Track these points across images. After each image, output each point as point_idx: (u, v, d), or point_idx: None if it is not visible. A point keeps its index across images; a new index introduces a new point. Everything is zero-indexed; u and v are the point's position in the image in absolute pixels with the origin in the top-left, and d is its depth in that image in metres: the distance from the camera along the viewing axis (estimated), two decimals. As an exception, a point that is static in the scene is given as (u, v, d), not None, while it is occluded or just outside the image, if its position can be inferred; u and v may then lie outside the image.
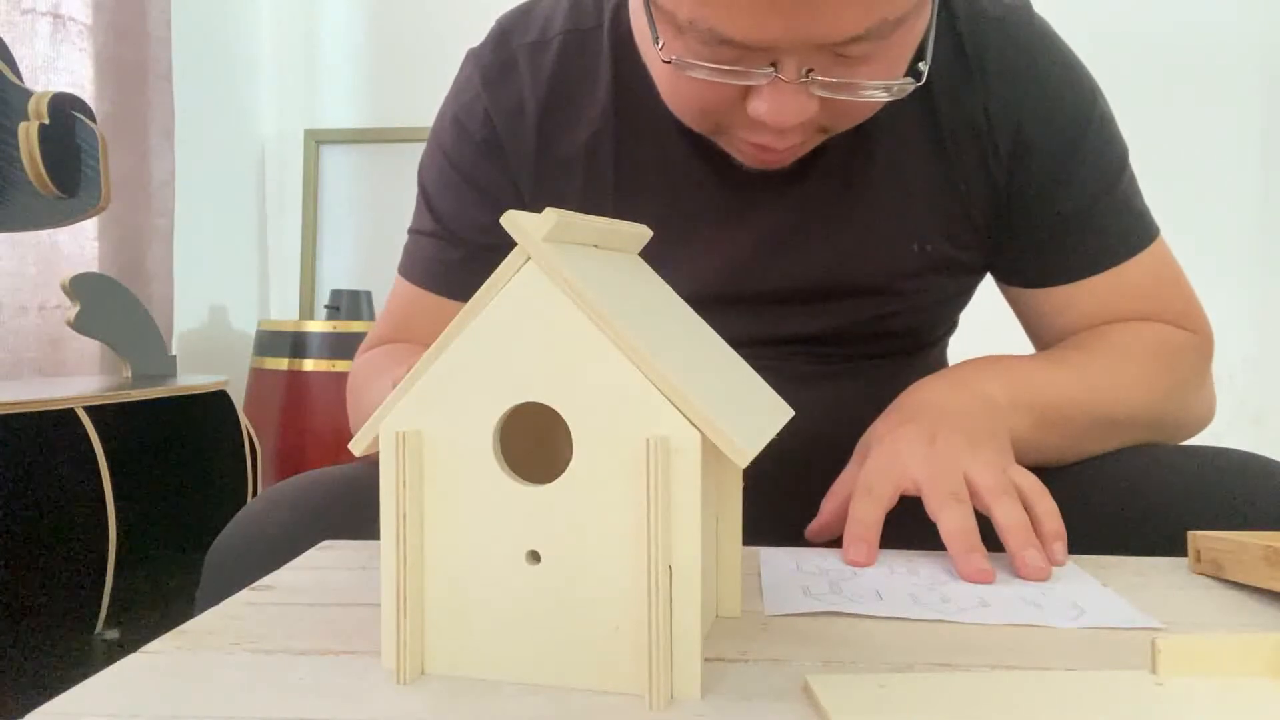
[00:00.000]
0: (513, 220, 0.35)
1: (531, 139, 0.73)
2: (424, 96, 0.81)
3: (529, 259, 0.36)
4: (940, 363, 0.85)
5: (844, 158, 0.70)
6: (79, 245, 1.76)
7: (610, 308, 0.35)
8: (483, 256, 0.74)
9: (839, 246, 0.72)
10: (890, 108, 0.66)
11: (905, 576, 0.51)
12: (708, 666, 0.38)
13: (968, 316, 0.84)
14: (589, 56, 0.73)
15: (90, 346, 1.72)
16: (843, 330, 0.75)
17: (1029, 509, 0.55)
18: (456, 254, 0.76)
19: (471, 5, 1.17)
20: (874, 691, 0.35)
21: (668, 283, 0.47)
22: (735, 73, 0.56)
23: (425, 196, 0.78)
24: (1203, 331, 0.75)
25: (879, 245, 0.72)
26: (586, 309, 0.35)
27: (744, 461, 0.35)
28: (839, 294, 0.74)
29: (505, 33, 0.75)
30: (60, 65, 1.73)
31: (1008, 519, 0.53)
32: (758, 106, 0.58)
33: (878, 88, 0.58)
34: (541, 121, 0.73)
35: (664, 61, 0.58)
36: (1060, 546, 0.54)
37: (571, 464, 0.36)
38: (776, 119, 0.58)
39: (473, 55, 0.76)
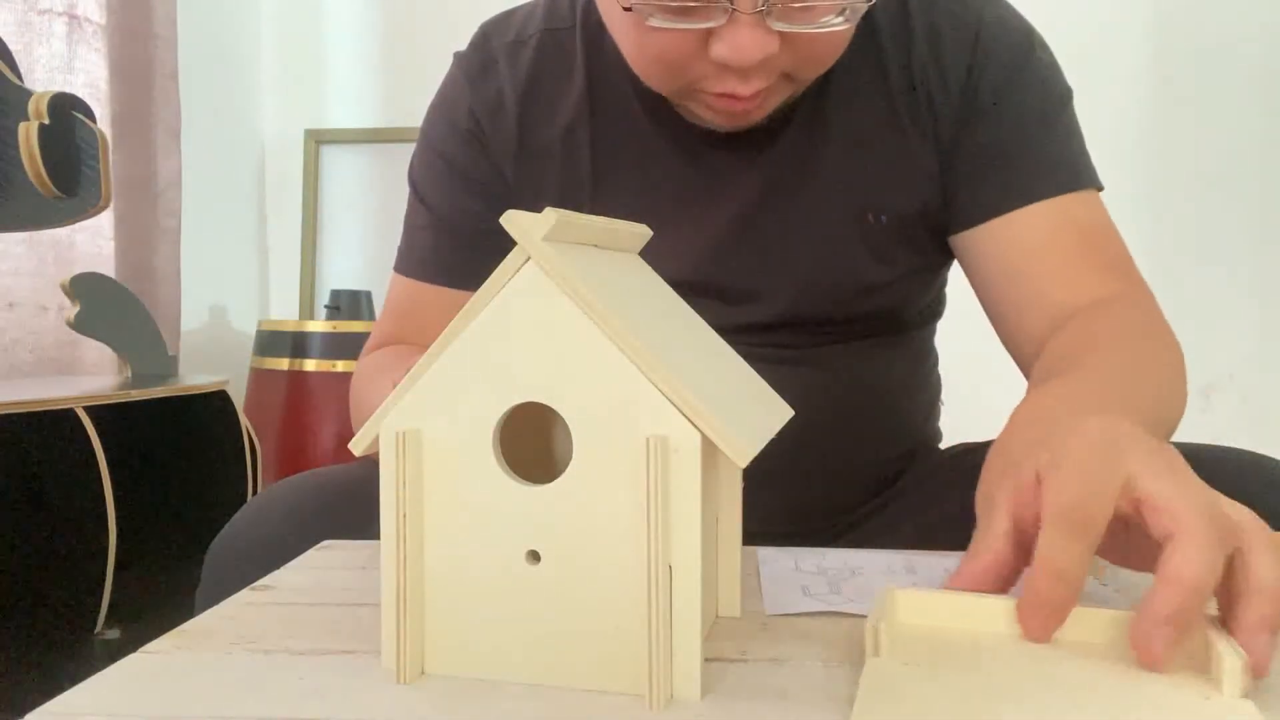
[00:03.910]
0: (513, 220, 0.35)
1: (512, 130, 0.76)
2: (424, 97, 0.82)
3: (529, 259, 0.36)
4: (923, 350, 0.86)
5: (803, 134, 0.72)
6: (96, 245, 1.76)
7: (610, 307, 0.35)
8: (477, 243, 0.77)
9: (801, 225, 0.74)
10: (846, 79, 0.70)
11: (904, 576, 0.51)
12: (708, 666, 0.38)
13: (963, 310, 0.85)
14: (563, 53, 0.76)
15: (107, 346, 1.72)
16: (814, 314, 0.76)
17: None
18: (451, 242, 0.78)
19: (470, 7, 1.17)
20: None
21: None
22: (693, 11, 0.57)
23: (416, 191, 0.81)
24: (1147, 288, 0.71)
25: (837, 219, 0.74)
26: (586, 309, 0.35)
27: (744, 461, 0.35)
28: (805, 274, 0.75)
29: (486, 34, 0.79)
30: (77, 66, 1.74)
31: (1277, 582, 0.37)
32: (719, 48, 0.59)
33: (832, 10, 0.59)
34: (521, 114, 0.76)
35: (625, 9, 0.59)
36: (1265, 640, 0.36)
37: (571, 464, 0.36)
38: (739, 56, 0.59)
39: (458, 57, 0.80)
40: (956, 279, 0.81)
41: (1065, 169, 0.71)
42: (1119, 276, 0.70)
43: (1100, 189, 0.73)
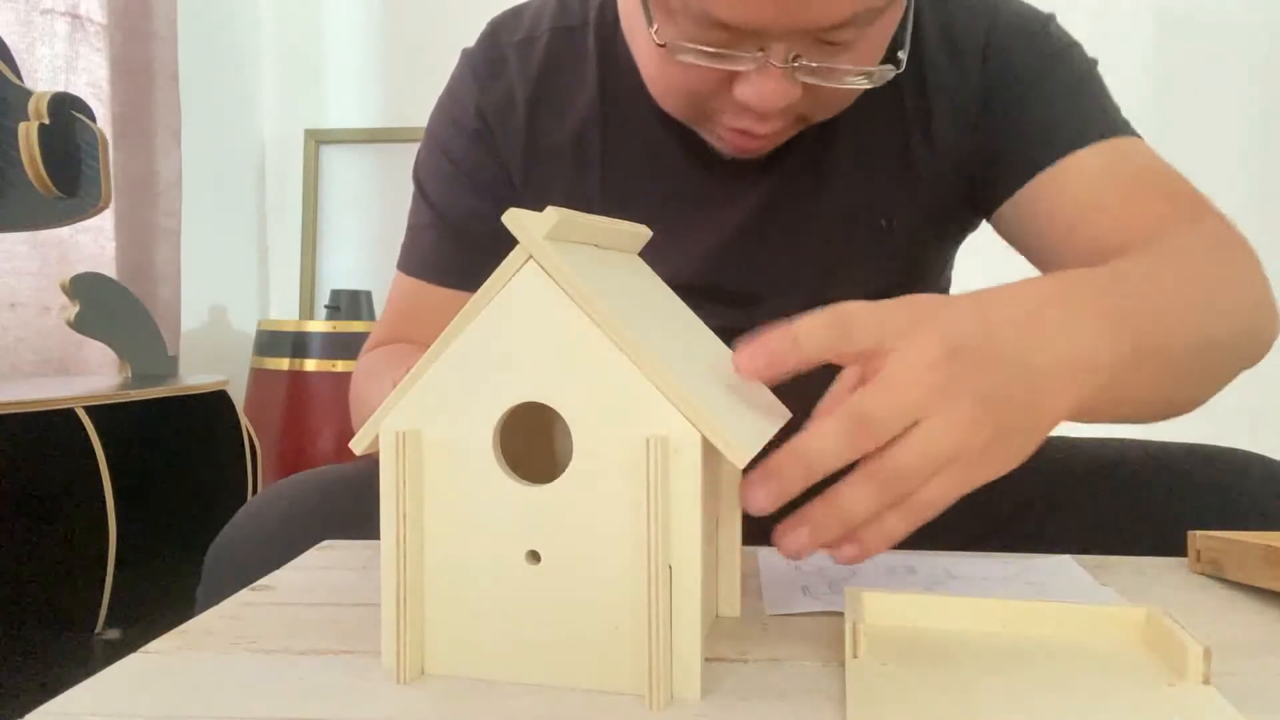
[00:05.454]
0: (514, 218, 0.35)
1: (521, 130, 0.75)
2: (424, 97, 0.82)
3: (529, 258, 0.36)
4: None
5: (815, 139, 0.72)
6: (99, 246, 1.75)
7: (610, 307, 0.35)
8: (481, 244, 0.76)
9: (810, 230, 0.74)
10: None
11: (905, 576, 0.51)
12: (708, 666, 0.38)
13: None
14: (575, 51, 0.75)
15: (112, 346, 1.71)
16: None
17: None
18: (455, 243, 0.78)
19: (471, 6, 1.17)
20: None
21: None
22: (725, 56, 0.58)
23: (421, 190, 0.80)
24: (1219, 214, 0.64)
25: (847, 225, 0.73)
26: (587, 308, 0.35)
27: (742, 462, 0.35)
28: (812, 279, 0.74)
29: (495, 31, 0.78)
30: (80, 65, 1.74)
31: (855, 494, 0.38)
32: (744, 91, 0.59)
33: (860, 74, 0.59)
34: (530, 113, 0.75)
35: (658, 45, 0.59)
36: (850, 550, 0.40)
37: (571, 464, 0.36)
38: (763, 103, 0.59)
39: (466, 54, 0.79)
40: (960, 283, 0.81)
41: (1103, 120, 0.69)
42: (1187, 207, 0.63)
43: (1141, 139, 0.69)
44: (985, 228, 0.82)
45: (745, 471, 0.37)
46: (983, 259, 0.94)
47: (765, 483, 0.37)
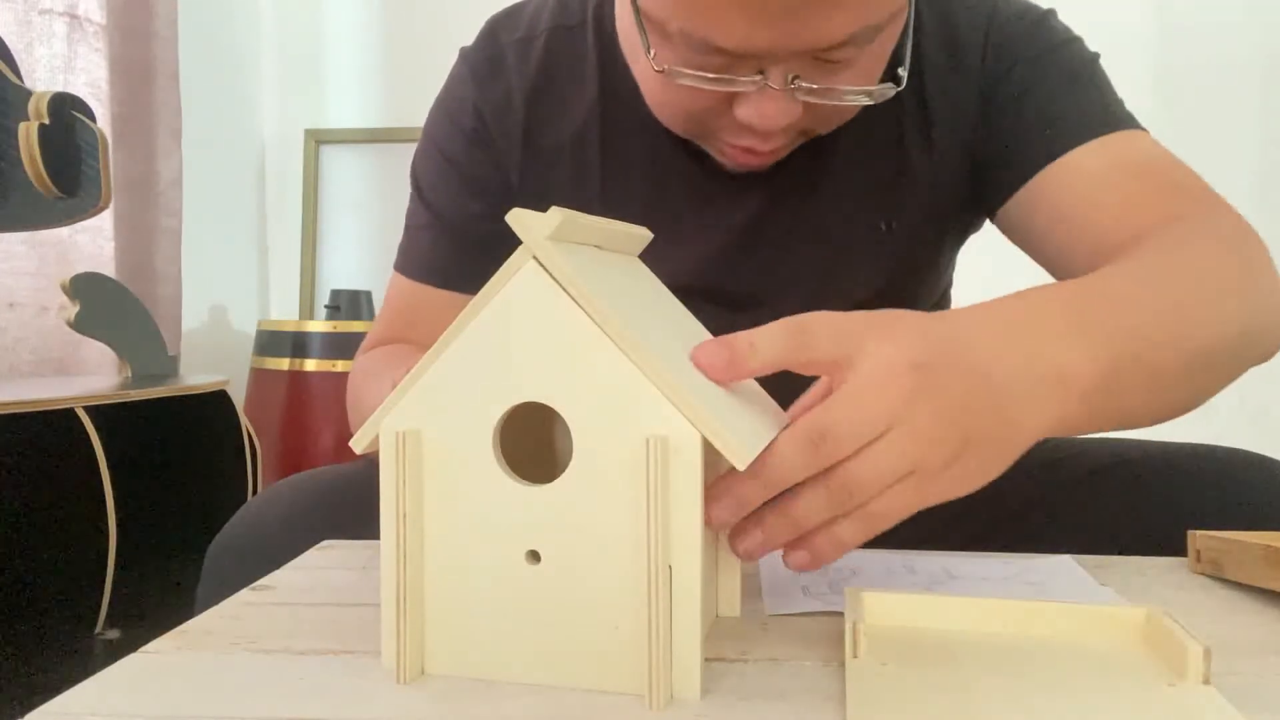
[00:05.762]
0: (518, 218, 0.35)
1: (519, 130, 0.75)
2: (424, 97, 0.82)
3: (530, 258, 0.36)
4: None
5: (812, 145, 0.72)
6: (97, 245, 1.75)
7: (611, 307, 0.35)
8: (478, 245, 0.76)
9: (808, 233, 0.73)
10: None
11: (905, 576, 0.51)
12: (708, 666, 0.38)
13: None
14: (574, 51, 0.75)
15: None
16: None
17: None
18: (452, 244, 0.78)
19: (471, 6, 1.17)
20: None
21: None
22: (724, 80, 0.58)
23: (419, 190, 0.80)
24: (1226, 205, 0.63)
25: (845, 228, 0.73)
26: (588, 309, 0.35)
27: (743, 463, 0.35)
28: (812, 281, 0.74)
29: (494, 30, 0.78)
30: (79, 65, 1.74)
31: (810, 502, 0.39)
32: (745, 112, 0.60)
33: (860, 93, 0.59)
34: (529, 114, 0.75)
35: (656, 71, 0.59)
36: (801, 556, 0.40)
37: (571, 464, 0.36)
38: (764, 123, 0.59)
39: (464, 53, 0.78)
40: (962, 282, 0.81)
41: (1106, 114, 0.68)
42: (1193, 201, 0.62)
43: (1146, 131, 0.68)
44: (987, 229, 0.82)
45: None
46: (983, 260, 0.95)
47: (724, 497, 0.38)
